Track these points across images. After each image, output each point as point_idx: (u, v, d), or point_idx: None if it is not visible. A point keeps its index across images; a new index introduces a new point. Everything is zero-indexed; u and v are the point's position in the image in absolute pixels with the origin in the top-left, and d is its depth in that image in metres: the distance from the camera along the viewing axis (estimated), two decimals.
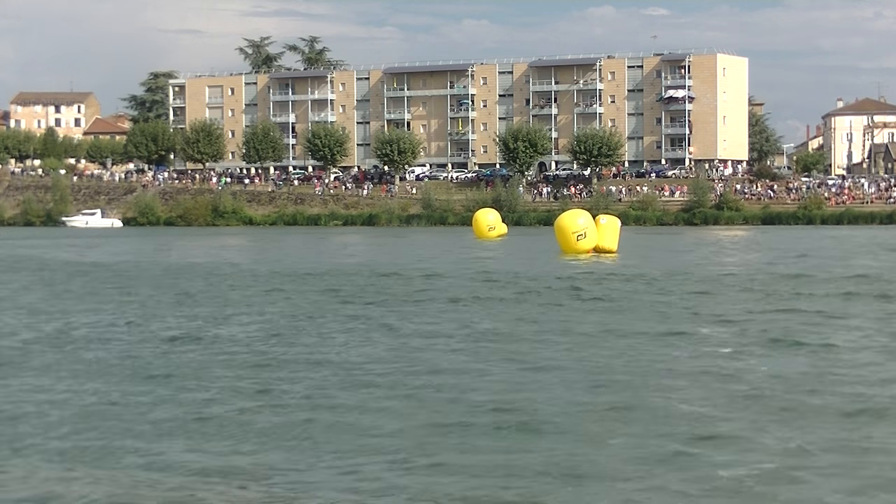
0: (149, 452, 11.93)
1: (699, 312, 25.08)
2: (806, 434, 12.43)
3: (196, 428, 13.09)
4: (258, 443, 12.37)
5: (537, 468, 11.18)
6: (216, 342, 20.65)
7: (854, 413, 13.59)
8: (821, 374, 16.34)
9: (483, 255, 53.56)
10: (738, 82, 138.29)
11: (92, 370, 17.40)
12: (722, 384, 15.59)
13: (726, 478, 10.81)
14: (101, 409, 14.22)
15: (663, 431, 12.63)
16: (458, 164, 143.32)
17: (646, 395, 14.72)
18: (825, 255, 50.13)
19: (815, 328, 21.74)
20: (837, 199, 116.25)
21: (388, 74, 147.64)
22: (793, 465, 11.20)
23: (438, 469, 11.21)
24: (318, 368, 17.32)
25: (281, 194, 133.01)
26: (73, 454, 11.96)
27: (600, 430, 12.79)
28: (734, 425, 12.94)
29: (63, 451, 12.10)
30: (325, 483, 10.79)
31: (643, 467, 11.17)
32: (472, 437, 12.53)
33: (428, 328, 22.38)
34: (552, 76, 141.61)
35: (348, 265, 45.02)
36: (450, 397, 14.76)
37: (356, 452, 11.84)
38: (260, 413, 13.90)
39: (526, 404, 14.15)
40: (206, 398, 14.91)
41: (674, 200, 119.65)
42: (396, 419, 13.43)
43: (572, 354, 18.55)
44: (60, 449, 12.19)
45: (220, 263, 47.47)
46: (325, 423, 13.25)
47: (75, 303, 28.99)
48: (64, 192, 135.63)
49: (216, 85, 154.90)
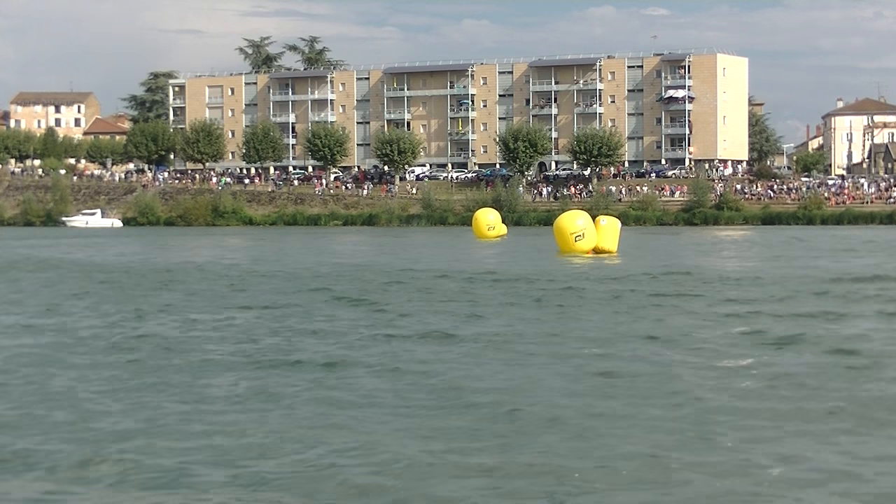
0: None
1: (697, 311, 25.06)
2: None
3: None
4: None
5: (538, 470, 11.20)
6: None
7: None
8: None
9: (468, 256, 53.54)
10: (738, 82, 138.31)
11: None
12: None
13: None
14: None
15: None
16: (458, 164, 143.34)
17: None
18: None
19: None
20: (837, 199, 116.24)
21: (388, 74, 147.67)
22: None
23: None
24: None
25: (281, 194, 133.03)
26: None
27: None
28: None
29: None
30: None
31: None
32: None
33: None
34: (552, 76, 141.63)
35: (373, 265, 44.98)
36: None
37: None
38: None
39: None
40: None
41: (674, 200, 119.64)
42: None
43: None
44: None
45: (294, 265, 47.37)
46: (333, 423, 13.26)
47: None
48: (64, 192, 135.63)
49: (216, 85, 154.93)
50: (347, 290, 32.02)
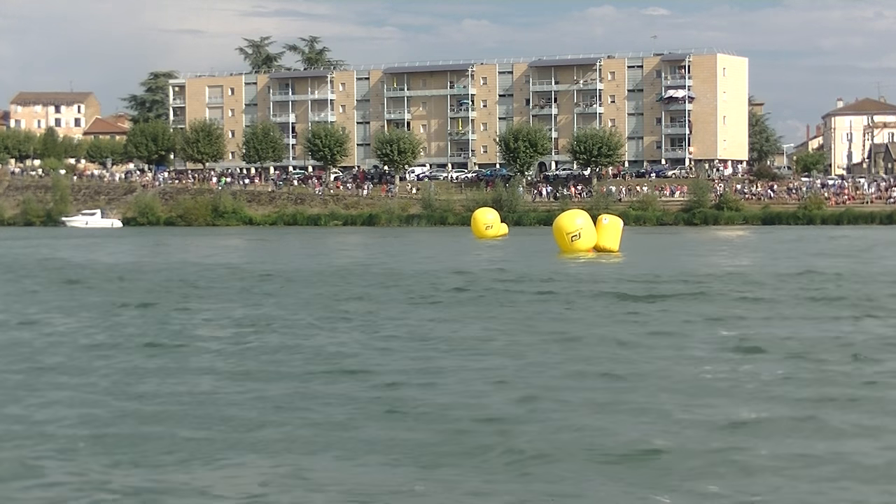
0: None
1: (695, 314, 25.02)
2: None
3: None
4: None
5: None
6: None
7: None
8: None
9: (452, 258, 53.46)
10: (738, 82, 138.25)
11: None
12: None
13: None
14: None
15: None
16: (458, 164, 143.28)
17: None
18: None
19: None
20: (837, 199, 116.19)
21: (388, 74, 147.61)
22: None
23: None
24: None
25: (281, 194, 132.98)
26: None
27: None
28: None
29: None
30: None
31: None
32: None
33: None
34: (552, 76, 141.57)
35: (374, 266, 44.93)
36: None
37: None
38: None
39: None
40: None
41: (674, 200, 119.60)
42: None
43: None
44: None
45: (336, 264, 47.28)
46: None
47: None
48: (64, 192, 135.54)
49: (216, 85, 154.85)
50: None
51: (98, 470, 11.24)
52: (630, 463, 11.25)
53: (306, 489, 10.57)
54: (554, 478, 10.81)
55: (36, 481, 10.90)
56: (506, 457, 11.49)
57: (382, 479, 10.80)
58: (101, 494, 10.46)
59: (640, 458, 11.43)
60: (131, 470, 11.25)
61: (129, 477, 11.00)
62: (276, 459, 11.56)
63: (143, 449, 12.00)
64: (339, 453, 11.76)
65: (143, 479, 10.90)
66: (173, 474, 11.08)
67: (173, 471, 11.20)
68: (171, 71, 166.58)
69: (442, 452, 11.75)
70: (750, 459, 11.30)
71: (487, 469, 11.12)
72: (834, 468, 11.03)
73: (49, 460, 11.63)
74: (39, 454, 11.86)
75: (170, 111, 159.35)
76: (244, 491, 10.51)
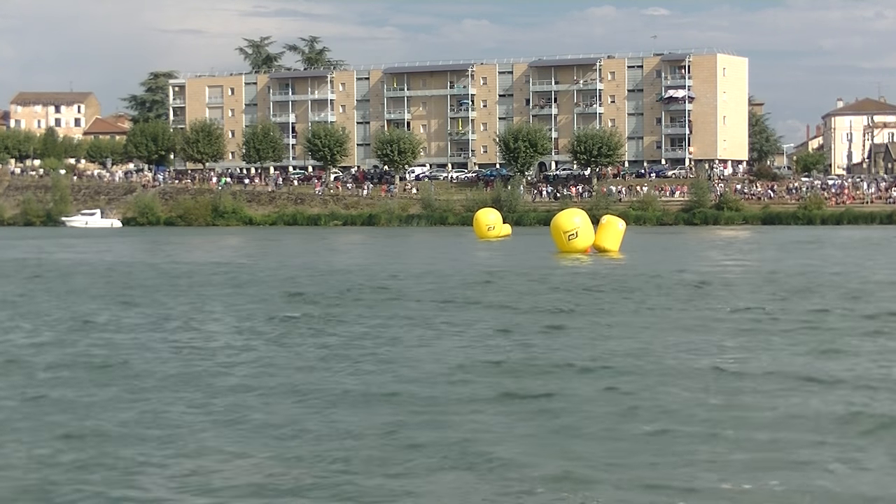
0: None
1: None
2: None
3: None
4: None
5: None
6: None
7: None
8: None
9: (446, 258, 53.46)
10: (738, 82, 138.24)
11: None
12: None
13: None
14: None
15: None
16: (458, 164, 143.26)
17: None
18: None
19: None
20: (837, 199, 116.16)
21: (388, 74, 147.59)
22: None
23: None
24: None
25: (281, 194, 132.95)
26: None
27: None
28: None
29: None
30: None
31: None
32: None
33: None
34: (552, 76, 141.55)
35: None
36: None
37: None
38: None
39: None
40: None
41: (674, 200, 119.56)
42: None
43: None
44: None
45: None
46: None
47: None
48: (64, 192, 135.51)
49: (216, 85, 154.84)
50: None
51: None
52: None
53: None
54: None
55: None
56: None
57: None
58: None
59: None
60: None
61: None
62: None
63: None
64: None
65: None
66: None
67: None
68: (171, 71, 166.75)
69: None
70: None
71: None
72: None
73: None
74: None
75: (170, 111, 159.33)
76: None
